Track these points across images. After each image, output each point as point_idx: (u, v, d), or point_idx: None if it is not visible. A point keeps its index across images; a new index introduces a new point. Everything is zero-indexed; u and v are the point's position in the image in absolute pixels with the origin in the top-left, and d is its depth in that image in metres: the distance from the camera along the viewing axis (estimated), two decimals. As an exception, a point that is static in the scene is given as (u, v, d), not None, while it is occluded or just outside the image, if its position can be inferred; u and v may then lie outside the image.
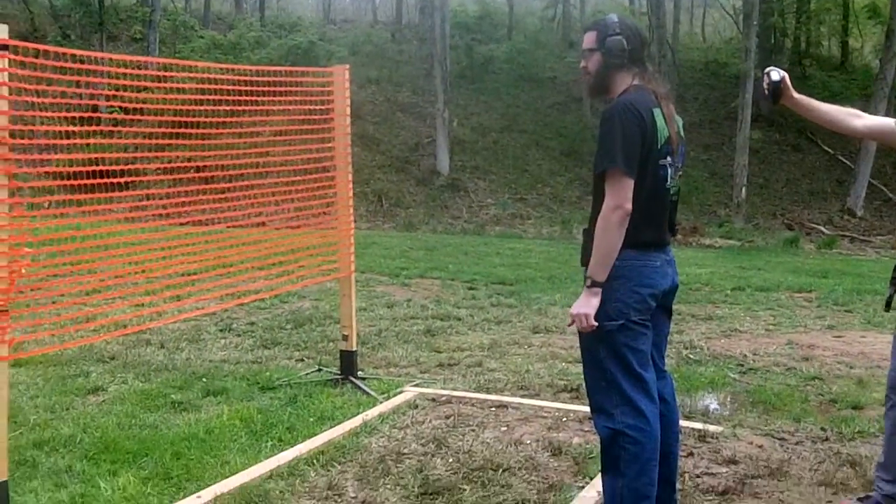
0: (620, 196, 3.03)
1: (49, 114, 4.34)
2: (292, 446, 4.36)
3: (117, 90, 5.63)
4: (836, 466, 4.07)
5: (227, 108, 5.19)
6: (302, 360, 6.30)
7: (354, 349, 5.63)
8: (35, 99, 4.15)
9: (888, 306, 3.58)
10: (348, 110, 5.37)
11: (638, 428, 3.13)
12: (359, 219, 19.51)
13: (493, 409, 5.00)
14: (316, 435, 4.54)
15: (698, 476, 3.97)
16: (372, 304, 8.51)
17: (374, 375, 5.77)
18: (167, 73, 5.16)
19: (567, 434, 4.54)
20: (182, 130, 5.04)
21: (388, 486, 3.89)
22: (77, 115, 4.94)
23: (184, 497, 3.76)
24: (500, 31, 30.17)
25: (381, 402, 5.11)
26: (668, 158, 3.17)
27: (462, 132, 23.19)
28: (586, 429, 4.61)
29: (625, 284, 3.13)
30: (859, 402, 5.18)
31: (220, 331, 7.37)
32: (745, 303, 8.78)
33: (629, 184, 3.04)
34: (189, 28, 25.52)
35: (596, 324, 3.11)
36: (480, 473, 4.01)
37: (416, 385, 5.48)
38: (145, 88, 5.08)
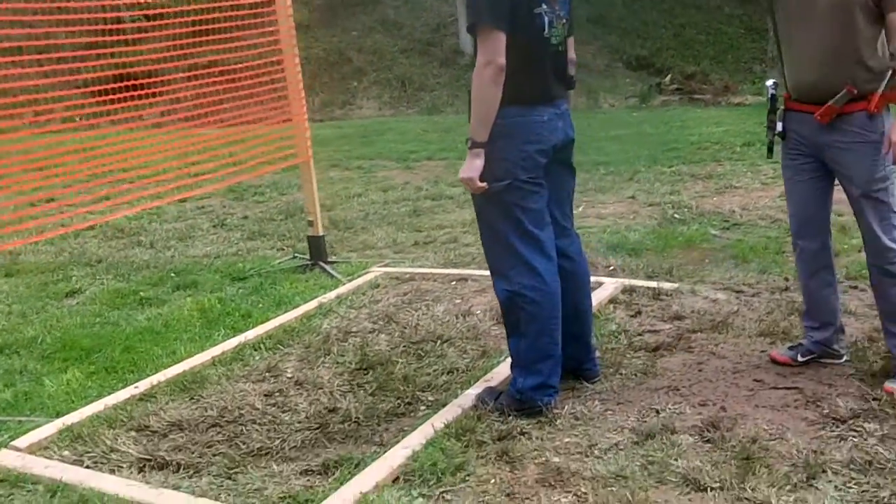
0: (490, 51, 2.86)
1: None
2: (243, 332, 4.40)
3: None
4: (785, 316, 3.94)
5: None
6: (282, 249, 6.29)
7: (321, 234, 5.60)
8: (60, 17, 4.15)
9: (770, 153, 3.41)
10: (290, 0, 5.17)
11: (534, 287, 3.05)
12: (382, 105, 19.46)
13: (454, 283, 4.95)
14: (269, 320, 4.57)
15: (639, 334, 3.89)
16: (367, 189, 8.45)
17: (345, 259, 5.75)
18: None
19: (517, 302, 4.47)
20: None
21: (326, 365, 3.90)
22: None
23: (123, 387, 3.82)
24: None
25: (344, 284, 5.10)
26: (544, 6, 3.00)
27: (485, 8, 22.47)
28: (540, 295, 4.55)
29: (509, 142, 3.00)
30: (836, 249, 4.97)
31: (213, 226, 7.41)
32: (751, 158, 8.44)
33: (499, 37, 2.86)
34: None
35: (483, 185, 2.99)
36: (419, 346, 4.00)
37: (384, 265, 5.45)
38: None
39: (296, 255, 5.84)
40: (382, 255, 5.79)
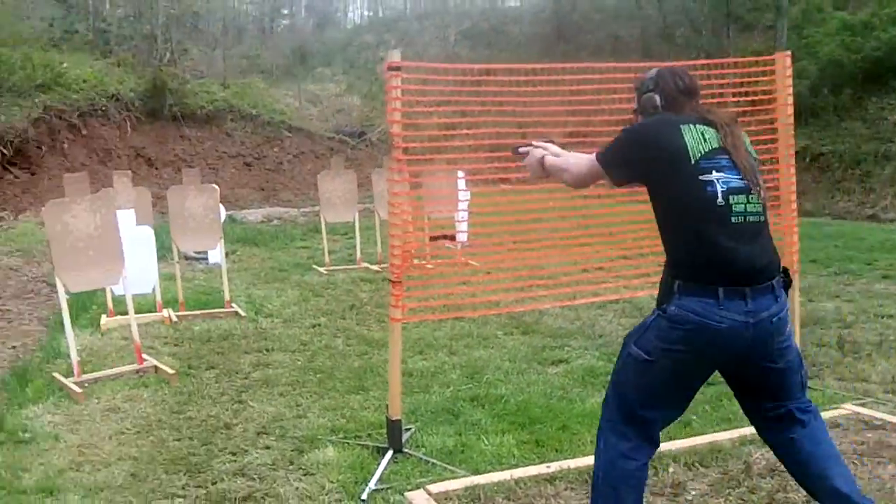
0: (585, 172, 3.10)
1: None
2: (672, 440, 4.37)
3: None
4: None
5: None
6: (769, 360, 5.99)
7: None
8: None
9: None
10: (790, 99, 5.01)
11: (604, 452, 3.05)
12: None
13: (928, 442, 4.26)
14: (704, 434, 4.46)
15: None
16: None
17: (823, 388, 5.27)
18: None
19: None
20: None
21: (730, 499, 3.71)
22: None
23: (538, 463, 4.11)
24: None
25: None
26: (716, 174, 2.82)
27: None
28: None
29: (668, 330, 2.86)
30: None
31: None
32: None
33: (597, 170, 3.04)
34: (818, 10, 24.46)
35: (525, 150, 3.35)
36: None
37: (860, 404, 4.89)
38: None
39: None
40: (868, 392, 5.18)
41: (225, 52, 26.95)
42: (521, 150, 3.38)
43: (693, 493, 3.79)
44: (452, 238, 10.84)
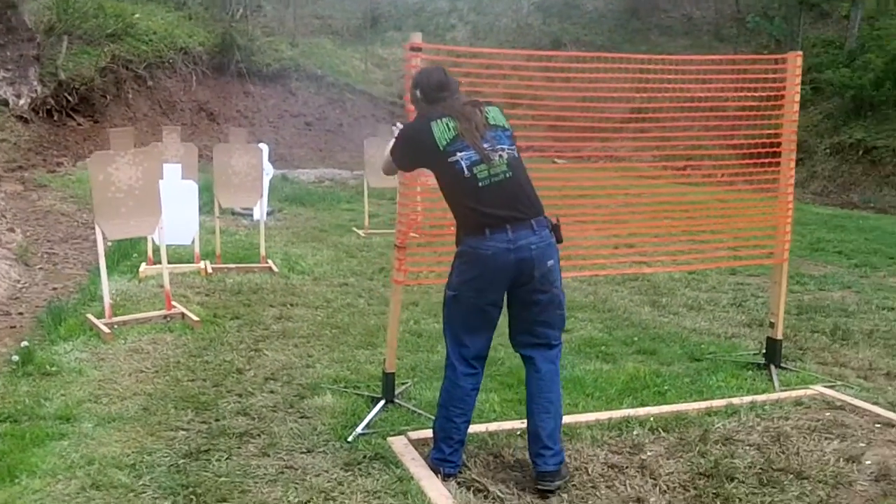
0: (387, 165, 4.03)
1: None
2: (643, 407, 4.70)
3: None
4: None
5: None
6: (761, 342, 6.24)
7: (779, 338, 5.50)
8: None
9: None
10: (797, 97, 5.24)
11: (449, 379, 3.88)
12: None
13: (879, 426, 4.51)
14: (674, 404, 4.77)
15: None
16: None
17: (799, 369, 5.53)
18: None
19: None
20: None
21: (680, 462, 4.02)
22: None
23: (515, 420, 4.48)
24: None
25: (773, 393, 5.01)
26: (459, 154, 3.63)
27: None
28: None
29: (462, 267, 3.72)
30: None
31: (731, 304, 7.57)
32: None
33: (392, 163, 3.98)
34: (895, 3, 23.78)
35: None
36: (774, 475, 3.88)
37: (829, 386, 5.14)
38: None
39: (759, 352, 5.80)
40: (842, 376, 5.42)
41: (297, 11, 27.30)
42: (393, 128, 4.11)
43: (649, 453, 4.12)
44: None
